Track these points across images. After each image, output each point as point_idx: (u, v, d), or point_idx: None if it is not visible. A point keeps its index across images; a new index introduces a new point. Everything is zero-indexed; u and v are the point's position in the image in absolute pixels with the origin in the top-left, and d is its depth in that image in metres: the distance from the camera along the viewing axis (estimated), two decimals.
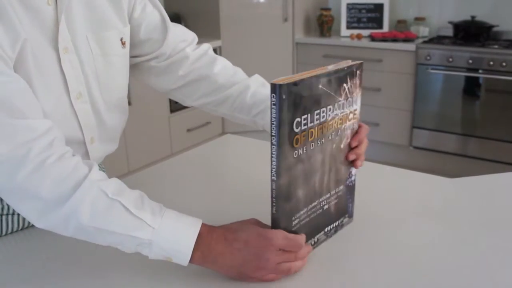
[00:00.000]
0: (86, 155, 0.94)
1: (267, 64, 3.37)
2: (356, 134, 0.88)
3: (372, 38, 3.31)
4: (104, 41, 0.90)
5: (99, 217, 0.71)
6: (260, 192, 0.86)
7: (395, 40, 3.22)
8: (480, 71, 2.91)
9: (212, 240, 0.74)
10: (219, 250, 0.73)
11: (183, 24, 3.40)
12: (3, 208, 0.92)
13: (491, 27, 3.06)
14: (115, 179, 0.76)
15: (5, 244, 0.90)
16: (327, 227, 0.87)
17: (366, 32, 3.44)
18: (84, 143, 0.92)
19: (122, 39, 0.95)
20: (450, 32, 3.25)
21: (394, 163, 2.97)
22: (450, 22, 3.21)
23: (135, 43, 1.00)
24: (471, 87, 2.99)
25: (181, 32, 1.06)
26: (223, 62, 1.07)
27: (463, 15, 3.21)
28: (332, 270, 0.79)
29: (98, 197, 0.71)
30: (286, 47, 3.49)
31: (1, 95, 0.70)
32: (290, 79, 0.71)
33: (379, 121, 3.28)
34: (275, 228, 0.76)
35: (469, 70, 2.94)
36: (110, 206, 0.72)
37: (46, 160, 0.71)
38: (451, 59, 2.96)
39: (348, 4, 3.49)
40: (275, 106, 0.69)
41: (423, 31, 3.35)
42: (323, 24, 3.51)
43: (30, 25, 0.78)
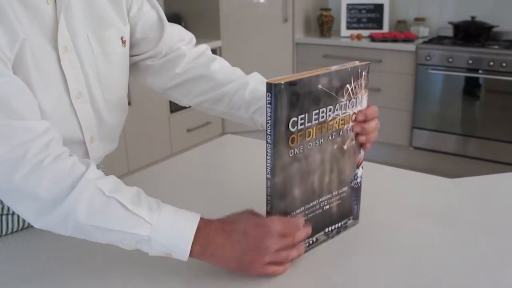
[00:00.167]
0: (86, 155, 0.94)
1: (267, 64, 3.37)
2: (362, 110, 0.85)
3: (372, 39, 3.31)
4: (104, 40, 0.90)
5: (96, 215, 0.71)
6: (259, 192, 0.85)
7: (395, 40, 3.22)
8: (480, 71, 2.91)
9: (210, 232, 0.73)
10: (218, 242, 0.73)
11: (183, 24, 3.40)
12: (3, 208, 0.92)
13: (491, 27, 3.06)
14: (112, 177, 0.76)
15: (5, 244, 0.90)
16: (328, 228, 0.87)
17: (366, 33, 3.44)
18: (84, 142, 0.92)
19: (122, 38, 0.95)
20: (450, 32, 3.25)
21: (394, 163, 2.96)
22: (450, 23, 3.21)
23: (131, 42, 1.00)
24: (471, 88, 2.99)
25: (178, 31, 1.06)
26: (221, 61, 1.07)
27: (463, 16, 3.21)
28: (332, 269, 0.80)
29: (95, 195, 0.71)
30: (286, 47, 3.49)
31: None
32: (287, 78, 0.71)
33: (379, 121, 3.28)
34: None
35: (469, 70, 2.93)
36: (107, 203, 0.71)
37: (43, 161, 0.70)
38: (451, 60, 2.96)
39: (348, 5, 3.49)
40: (270, 105, 0.70)
41: (423, 32, 3.35)
42: (323, 24, 3.51)
43: (29, 24, 0.78)
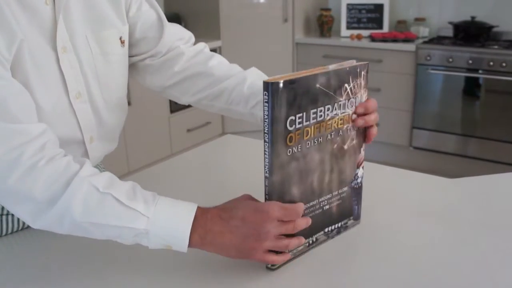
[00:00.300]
0: (86, 154, 0.94)
1: (267, 65, 3.34)
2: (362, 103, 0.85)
3: (372, 39, 3.31)
4: (103, 40, 0.90)
5: (92, 212, 0.71)
6: (259, 192, 0.85)
7: (395, 40, 3.22)
8: (480, 71, 2.91)
9: (208, 221, 0.73)
10: (216, 230, 0.73)
11: (183, 24, 3.40)
12: (2, 208, 0.92)
13: (491, 27, 3.06)
14: (107, 173, 0.75)
15: (5, 244, 0.90)
16: (328, 228, 0.87)
17: (366, 33, 3.44)
18: (83, 142, 0.92)
19: (121, 38, 0.95)
20: (450, 32, 3.26)
21: (394, 163, 2.96)
22: (450, 23, 3.21)
23: (131, 42, 1.00)
24: (471, 88, 2.99)
25: (177, 31, 1.06)
26: (219, 58, 1.07)
27: (463, 16, 3.21)
28: (331, 269, 0.79)
29: (90, 192, 0.71)
30: (286, 48, 3.49)
31: None
32: (285, 77, 0.71)
33: (379, 121, 3.24)
34: None
35: (469, 70, 2.94)
36: (102, 200, 0.71)
37: (38, 163, 0.71)
38: (451, 60, 2.96)
39: (348, 5, 3.49)
40: (267, 104, 0.70)
41: (423, 32, 3.35)
42: (323, 24, 3.51)
43: (28, 25, 0.78)
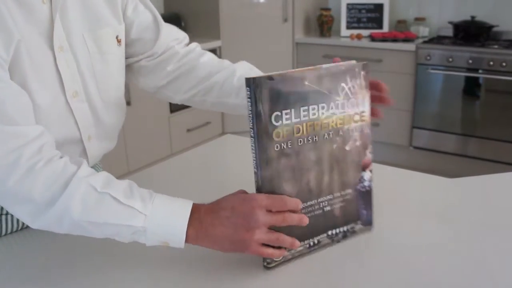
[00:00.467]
0: (84, 153, 0.94)
1: (267, 64, 3.34)
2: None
3: (372, 38, 3.31)
4: (100, 39, 0.91)
5: (91, 211, 0.72)
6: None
7: (395, 40, 3.22)
8: (480, 71, 2.91)
9: (201, 213, 0.75)
10: (208, 222, 0.74)
11: (182, 24, 3.40)
12: (2, 208, 0.91)
13: (491, 27, 3.06)
14: (104, 173, 0.76)
15: (5, 244, 0.90)
16: (332, 231, 0.85)
17: (366, 32, 3.44)
18: (82, 141, 0.92)
19: (117, 37, 0.95)
20: (450, 32, 3.25)
21: (394, 163, 2.96)
22: (450, 22, 3.21)
23: (126, 42, 1.01)
24: (471, 87, 2.99)
25: (172, 31, 1.08)
26: (210, 55, 1.09)
27: (463, 15, 3.21)
28: (330, 268, 0.79)
29: (88, 192, 0.72)
30: (286, 47, 3.49)
31: None
32: (273, 75, 0.73)
33: (379, 121, 3.27)
34: None
35: (469, 70, 2.94)
36: (100, 199, 0.72)
37: (36, 165, 0.72)
38: (451, 59, 2.96)
39: (348, 4, 3.49)
40: (250, 99, 0.73)
41: (423, 31, 3.35)
42: (323, 24, 3.51)
43: (25, 24, 0.78)
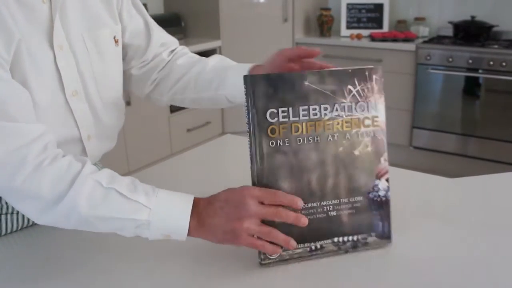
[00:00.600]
0: (84, 152, 0.94)
1: None
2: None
3: (372, 38, 3.31)
4: (98, 39, 0.92)
5: (98, 206, 0.73)
6: None
7: (395, 40, 3.21)
8: (480, 71, 2.91)
9: (200, 205, 0.77)
10: (205, 213, 0.76)
11: (183, 24, 3.40)
12: (2, 207, 0.92)
13: (491, 27, 3.06)
14: (107, 170, 0.78)
15: (5, 244, 0.90)
16: (338, 238, 0.82)
17: (366, 32, 3.43)
18: (81, 140, 0.93)
19: (115, 37, 0.97)
20: (450, 32, 3.25)
21: (394, 163, 2.96)
22: (450, 22, 3.21)
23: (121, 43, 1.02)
24: (471, 87, 2.99)
25: (162, 36, 1.09)
26: (190, 55, 1.10)
27: (463, 15, 3.21)
28: (329, 267, 0.79)
29: (94, 188, 0.74)
30: (286, 47, 3.49)
31: None
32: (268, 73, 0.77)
33: None
34: None
35: (469, 70, 2.93)
36: (106, 194, 0.74)
37: (42, 162, 0.73)
38: (451, 59, 2.96)
39: (348, 4, 3.49)
40: (246, 95, 0.76)
41: (423, 31, 3.35)
42: (323, 24, 3.51)
43: (25, 23, 0.78)
